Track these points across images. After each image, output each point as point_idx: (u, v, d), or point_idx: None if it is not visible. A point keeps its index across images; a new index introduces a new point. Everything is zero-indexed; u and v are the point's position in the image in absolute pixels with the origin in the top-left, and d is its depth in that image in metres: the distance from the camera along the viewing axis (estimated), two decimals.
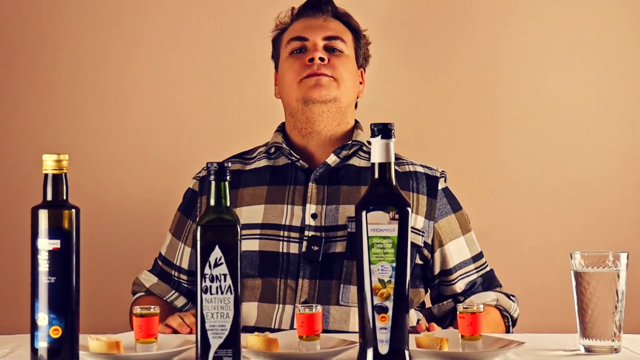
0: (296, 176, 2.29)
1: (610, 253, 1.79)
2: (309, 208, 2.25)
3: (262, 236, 2.24)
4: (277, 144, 2.32)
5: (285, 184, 2.28)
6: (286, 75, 2.31)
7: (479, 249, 2.36)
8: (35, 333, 1.56)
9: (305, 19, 2.36)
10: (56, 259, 1.56)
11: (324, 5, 2.36)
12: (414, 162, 2.36)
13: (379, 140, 1.61)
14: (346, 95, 2.30)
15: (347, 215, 2.24)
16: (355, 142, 2.31)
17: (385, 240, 1.58)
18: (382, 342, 1.57)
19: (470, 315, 1.73)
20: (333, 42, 2.32)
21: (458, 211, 2.35)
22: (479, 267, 2.34)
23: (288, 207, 2.26)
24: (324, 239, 2.22)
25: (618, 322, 1.78)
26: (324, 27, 2.33)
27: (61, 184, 1.59)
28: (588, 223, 2.93)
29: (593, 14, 2.94)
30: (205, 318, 1.55)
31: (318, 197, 2.26)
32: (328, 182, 2.28)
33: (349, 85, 2.30)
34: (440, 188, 2.33)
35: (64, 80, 2.91)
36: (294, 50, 2.32)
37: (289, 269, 2.21)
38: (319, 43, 2.30)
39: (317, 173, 2.28)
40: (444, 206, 2.32)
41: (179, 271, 2.34)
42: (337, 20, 2.36)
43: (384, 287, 1.58)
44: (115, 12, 2.91)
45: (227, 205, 1.59)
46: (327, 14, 2.35)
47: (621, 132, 2.94)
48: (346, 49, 2.32)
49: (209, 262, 1.56)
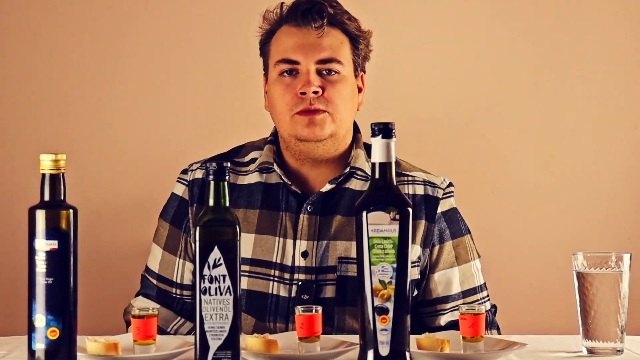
0: (287, 201, 2.15)
1: (613, 254, 1.78)
2: (299, 245, 2.13)
3: (250, 274, 2.14)
4: (268, 165, 2.18)
5: (277, 209, 2.15)
6: (277, 104, 2.14)
7: (476, 283, 2.20)
8: (33, 334, 1.56)
9: (295, 29, 2.14)
10: (54, 259, 1.55)
11: (317, 16, 2.13)
12: (415, 179, 2.21)
13: (380, 139, 1.60)
14: (343, 125, 2.14)
15: (337, 254, 2.13)
16: (353, 168, 2.17)
17: (385, 241, 1.58)
18: (383, 344, 1.57)
19: (472, 316, 1.72)
20: (328, 65, 2.12)
21: (458, 237, 2.21)
22: (469, 303, 2.13)
23: (279, 240, 2.14)
24: (314, 286, 2.11)
25: (621, 324, 1.77)
26: (317, 47, 2.12)
27: (59, 184, 1.58)
28: (590, 223, 2.92)
29: (596, 12, 2.94)
30: (204, 319, 1.54)
31: (309, 232, 2.13)
32: (321, 211, 2.15)
33: (346, 114, 2.14)
34: (440, 211, 2.19)
35: (61, 80, 2.90)
36: (284, 72, 2.13)
37: (277, 311, 2.12)
38: (311, 68, 2.11)
39: (310, 201, 2.15)
40: (442, 231, 2.19)
41: (181, 288, 2.20)
42: (332, 27, 2.15)
43: (385, 288, 1.57)
44: (111, 12, 2.90)
45: (226, 205, 1.58)
46: (320, 27, 2.12)
47: (624, 132, 2.93)
48: (343, 69, 2.13)
49: (208, 262, 1.55)
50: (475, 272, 2.21)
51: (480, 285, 2.22)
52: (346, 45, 2.16)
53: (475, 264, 2.22)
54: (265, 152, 2.21)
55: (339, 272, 2.11)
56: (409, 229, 1.58)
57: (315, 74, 2.12)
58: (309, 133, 2.11)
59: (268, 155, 2.20)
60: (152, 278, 2.23)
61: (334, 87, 2.12)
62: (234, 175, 2.21)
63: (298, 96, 2.11)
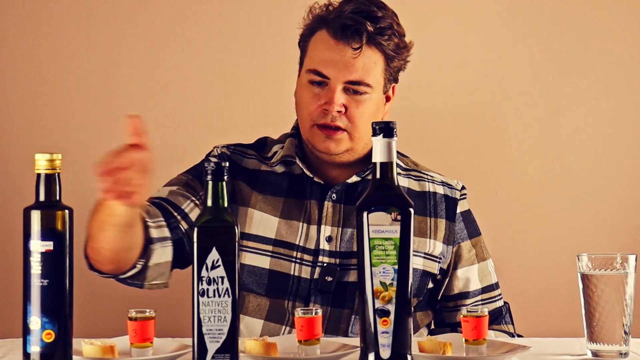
0: (311, 190, 2.20)
1: (619, 255, 1.77)
2: (324, 230, 2.17)
3: (273, 254, 2.17)
4: (290, 159, 2.21)
5: (303, 197, 2.20)
6: (302, 109, 2.17)
7: (492, 281, 2.27)
8: (28, 337, 1.55)
9: (334, 42, 2.13)
10: (49, 261, 1.54)
11: (357, 36, 2.12)
12: (434, 179, 2.27)
13: (381, 139, 1.60)
14: (361, 140, 2.16)
15: None
16: None
17: (387, 242, 1.57)
18: (384, 347, 1.55)
19: (474, 319, 1.72)
20: (356, 87, 2.13)
21: (475, 237, 2.27)
22: (487, 299, 2.25)
23: (303, 225, 2.18)
24: (338, 269, 2.15)
25: (626, 326, 1.76)
26: (349, 68, 2.12)
27: (54, 184, 1.57)
28: (595, 224, 2.91)
29: (601, 12, 2.93)
30: (202, 322, 1.53)
31: (334, 218, 2.18)
32: (345, 200, 2.19)
33: (366, 131, 2.13)
34: (459, 211, 2.25)
35: (57, 78, 2.90)
36: (314, 82, 2.15)
37: (298, 292, 2.15)
38: (339, 87, 2.12)
39: (335, 190, 2.19)
40: (461, 231, 2.25)
41: (184, 218, 2.13)
42: (369, 46, 2.14)
43: (386, 290, 1.57)
44: (108, 12, 2.90)
45: (224, 206, 1.57)
46: (358, 49, 2.12)
47: (631, 132, 2.93)
48: (371, 90, 2.14)
49: (206, 264, 1.54)
50: (491, 271, 2.28)
51: (496, 283, 2.28)
52: (380, 65, 2.16)
53: (490, 262, 2.29)
54: (287, 145, 2.24)
55: None
56: (411, 229, 1.57)
57: (342, 92, 2.13)
58: (325, 148, 2.15)
59: (290, 149, 2.23)
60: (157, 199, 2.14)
61: (357, 107, 2.14)
62: (259, 162, 2.24)
63: (321, 109, 2.14)
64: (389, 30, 2.16)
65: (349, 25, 2.12)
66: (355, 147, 2.17)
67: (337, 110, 2.12)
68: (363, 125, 2.14)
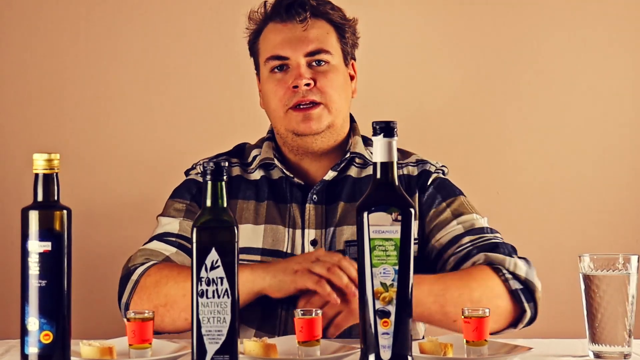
0: (292, 193, 2.19)
1: (621, 255, 1.77)
2: (307, 234, 2.16)
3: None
4: (268, 161, 2.21)
5: (285, 202, 2.18)
6: (270, 100, 2.17)
7: (481, 225, 2.14)
8: (26, 338, 1.54)
9: (281, 25, 2.17)
10: (47, 261, 1.54)
11: (300, 9, 2.16)
12: (408, 163, 2.23)
13: (381, 139, 1.59)
14: (340, 114, 2.17)
15: (344, 239, 2.15)
16: (354, 154, 2.20)
17: (387, 243, 1.56)
18: (385, 348, 1.55)
19: (476, 319, 1.71)
20: (317, 56, 2.15)
21: (450, 198, 2.18)
22: (476, 239, 2.11)
23: (288, 230, 2.16)
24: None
25: (629, 327, 1.75)
26: (304, 40, 2.15)
27: (52, 184, 1.56)
28: (597, 224, 2.91)
29: (602, 12, 2.93)
30: (201, 323, 1.53)
31: (317, 221, 2.16)
32: (326, 200, 2.18)
33: (341, 103, 2.17)
34: (429, 181, 2.20)
35: (55, 78, 2.90)
36: (275, 68, 2.16)
37: (290, 299, 2.06)
38: (301, 62, 2.14)
39: (315, 191, 2.18)
40: (431, 197, 2.18)
41: None
42: (317, 19, 2.18)
43: (386, 291, 1.56)
44: (106, 11, 2.90)
45: (223, 206, 1.56)
46: (305, 20, 2.15)
47: (633, 132, 2.93)
48: (332, 58, 2.17)
49: (205, 264, 1.53)
50: (477, 219, 2.16)
51: (484, 227, 2.15)
52: (332, 34, 2.19)
53: (477, 216, 2.17)
54: (264, 149, 2.24)
55: (348, 254, 2.09)
56: (412, 230, 1.56)
57: (306, 66, 2.15)
58: (305, 128, 2.14)
59: (267, 152, 2.23)
60: (169, 237, 2.14)
61: (325, 77, 2.15)
62: (241, 170, 2.23)
63: (291, 90, 2.14)
64: (329, 5, 2.21)
65: (291, 3, 2.16)
66: (335, 122, 2.16)
67: (306, 83, 2.12)
68: (337, 95, 2.15)
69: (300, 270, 1.92)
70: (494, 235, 2.15)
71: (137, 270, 2.04)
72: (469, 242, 2.12)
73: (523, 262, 2.10)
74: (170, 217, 2.18)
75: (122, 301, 2.03)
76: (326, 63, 2.16)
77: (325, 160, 2.21)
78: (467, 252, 2.10)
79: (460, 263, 2.09)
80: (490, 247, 2.10)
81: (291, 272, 1.93)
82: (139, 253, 2.11)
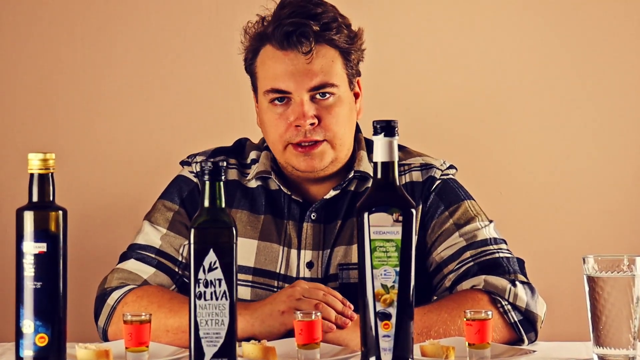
0: (290, 208, 2.07)
1: (625, 257, 1.75)
2: (303, 255, 2.05)
3: (254, 284, 2.06)
4: (265, 175, 2.09)
5: (282, 217, 2.09)
6: (269, 132, 2.05)
7: (485, 236, 2.04)
8: (21, 341, 1.54)
9: (281, 53, 2.00)
10: (42, 263, 1.53)
11: (304, 39, 1.99)
12: (411, 166, 2.12)
13: (382, 138, 1.58)
14: (344, 147, 2.05)
15: (338, 261, 2.04)
16: (358, 172, 2.08)
17: (388, 244, 1.55)
18: (385, 351, 1.54)
19: (478, 322, 1.69)
20: (322, 90, 2.00)
21: (454, 205, 2.08)
22: (477, 254, 2.01)
23: (283, 249, 2.06)
24: None
25: (633, 330, 1.74)
26: (307, 74, 1.99)
27: (47, 185, 1.56)
28: (602, 225, 2.90)
29: (604, 12, 2.92)
30: (199, 325, 1.52)
31: (314, 241, 2.06)
32: (325, 218, 2.07)
33: (346, 136, 2.05)
34: (432, 188, 2.09)
35: (50, 78, 2.89)
36: (275, 99, 2.02)
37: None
38: (304, 98, 2.00)
39: (314, 209, 2.07)
40: (434, 205, 2.07)
41: (185, 269, 2.05)
42: (321, 45, 2.01)
43: (387, 293, 1.56)
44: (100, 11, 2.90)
45: (222, 206, 1.56)
46: (309, 52, 1.99)
47: (637, 131, 2.92)
48: (338, 90, 2.02)
49: (203, 266, 1.52)
50: (480, 229, 2.05)
51: (494, 238, 2.05)
52: (338, 61, 2.05)
53: (482, 224, 2.07)
54: (262, 160, 2.12)
55: (341, 279, 2.04)
56: (413, 231, 1.55)
57: (309, 101, 2.02)
58: (308, 167, 2.03)
59: (265, 164, 2.11)
60: (149, 252, 2.06)
61: (330, 112, 2.02)
62: (239, 173, 2.14)
63: (293, 127, 2.01)
64: (334, 24, 2.04)
65: (292, 32, 2.00)
66: (338, 156, 2.05)
67: (310, 123, 2.00)
68: (342, 131, 2.03)
69: (287, 311, 1.83)
70: (498, 248, 2.04)
71: (112, 294, 1.99)
72: (470, 257, 2.01)
73: (525, 288, 1.99)
74: (154, 225, 2.10)
75: (99, 325, 1.98)
76: (331, 95, 2.02)
77: (327, 181, 2.09)
78: (467, 270, 1.99)
79: (458, 281, 1.99)
80: (492, 266, 2.00)
81: (278, 314, 1.84)
82: (116, 275, 2.03)
